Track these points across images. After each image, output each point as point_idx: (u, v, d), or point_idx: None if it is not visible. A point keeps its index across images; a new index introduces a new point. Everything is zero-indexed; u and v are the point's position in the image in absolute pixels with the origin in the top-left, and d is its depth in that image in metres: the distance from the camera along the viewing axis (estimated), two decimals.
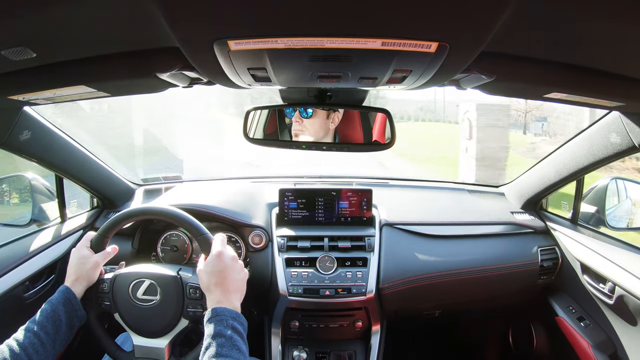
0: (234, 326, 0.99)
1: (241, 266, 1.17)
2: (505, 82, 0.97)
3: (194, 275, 1.26)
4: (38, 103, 1.18)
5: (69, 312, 1.12)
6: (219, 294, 1.07)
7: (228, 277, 1.10)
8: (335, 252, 1.72)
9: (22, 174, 1.74)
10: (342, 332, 1.74)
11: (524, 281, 1.85)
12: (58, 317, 1.09)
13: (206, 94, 19.27)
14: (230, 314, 1.02)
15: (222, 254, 1.13)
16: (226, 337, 0.96)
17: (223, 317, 1.00)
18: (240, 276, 1.14)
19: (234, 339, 0.96)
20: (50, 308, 1.09)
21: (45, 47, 0.79)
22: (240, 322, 1.02)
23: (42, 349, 1.02)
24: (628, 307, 1.48)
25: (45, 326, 1.06)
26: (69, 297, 1.14)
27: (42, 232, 1.69)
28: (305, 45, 0.70)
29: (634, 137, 1.29)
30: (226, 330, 0.97)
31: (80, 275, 1.20)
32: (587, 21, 0.66)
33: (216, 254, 1.13)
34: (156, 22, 0.64)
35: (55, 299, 1.12)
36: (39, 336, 1.03)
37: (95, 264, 1.23)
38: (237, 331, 0.99)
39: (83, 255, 1.23)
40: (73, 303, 1.14)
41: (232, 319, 1.01)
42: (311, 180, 2.33)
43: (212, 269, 1.11)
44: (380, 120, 1.44)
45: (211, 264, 1.12)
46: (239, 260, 1.17)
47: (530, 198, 2.02)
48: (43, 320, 1.06)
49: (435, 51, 0.71)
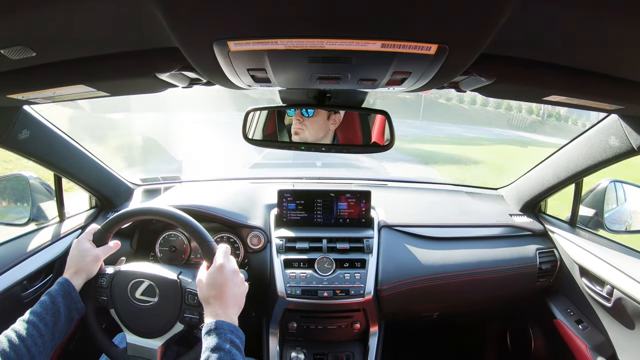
0: (233, 340, 0.99)
1: (241, 280, 1.16)
2: (505, 85, 0.97)
3: (193, 281, 1.26)
4: (37, 102, 1.18)
5: (68, 304, 1.12)
6: (218, 307, 1.06)
7: (228, 290, 1.09)
8: (334, 254, 1.72)
9: (21, 173, 1.74)
10: (340, 334, 1.74)
11: (522, 284, 1.85)
12: (57, 308, 1.09)
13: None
14: (229, 328, 1.01)
15: (223, 267, 1.12)
16: (225, 350, 0.96)
17: (222, 331, 1.00)
18: (240, 290, 1.14)
19: (232, 352, 0.96)
20: (50, 300, 1.09)
21: (45, 46, 0.79)
22: (238, 336, 1.02)
23: (40, 341, 1.02)
24: (626, 310, 1.48)
25: (44, 318, 1.05)
26: (69, 289, 1.14)
27: (41, 231, 1.68)
28: (305, 47, 0.70)
29: (633, 141, 1.29)
30: (225, 344, 0.97)
31: (80, 268, 1.20)
32: (586, 24, 0.66)
33: (218, 267, 1.12)
34: (156, 22, 0.64)
35: (55, 291, 1.12)
36: (38, 327, 1.03)
37: (96, 258, 1.23)
38: (235, 345, 0.99)
39: (84, 248, 1.23)
40: (72, 295, 1.14)
41: (230, 332, 1.00)
42: (310, 182, 2.33)
43: (213, 281, 1.10)
44: (380, 122, 1.45)
45: (212, 276, 1.11)
46: (240, 274, 1.16)
47: (529, 200, 2.02)
48: (42, 312, 1.06)
49: (434, 53, 0.71)
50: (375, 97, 1.72)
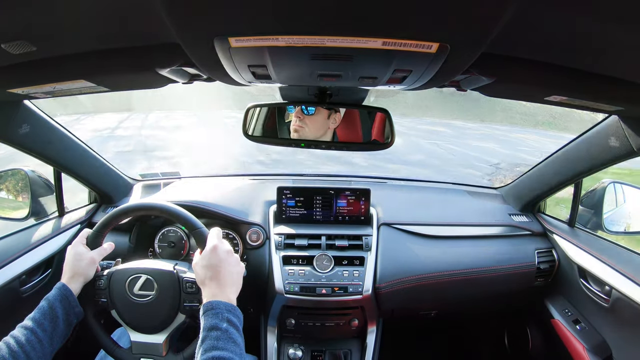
0: (230, 319, 0.99)
1: (237, 260, 1.16)
2: (506, 84, 0.97)
3: (190, 270, 1.26)
4: (38, 97, 1.18)
5: (66, 308, 1.12)
6: (214, 287, 1.07)
7: (223, 270, 1.10)
8: (333, 251, 1.72)
9: (21, 168, 1.74)
10: (338, 331, 1.74)
11: (521, 283, 1.85)
12: (55, 314, 1.09)
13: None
14: (226, 307, 1.01)
15: (217, 248, 1.12)
16: (222, 330, 0.96)
17: (219, 310, 1.00)
18: (235, 269, 1.14)
19: (229, 331, 0.96)
20: (47, 305, 1.09)
21: (45, 41, 0.79)
22: (236, 315, 1.02)
23: (39, 346, 1.02)
24: (624, 311, 1.48)
25: (42, 323, 1.06)
26: (66, 293, 1.14)
27: (40, 225, 1.69)
28: (306, 44, 0.70)
29: (633, 142, 1.29)
30: (222, 323, 0.97)
31: (76, 272, 1.20)
32: (588, 25, 0.66)
33: (211, 248, 1.12)
34: (157, 18, 0.64)
35: (52, 296, 1.12)
36: (36, 333, 1.03)
37: (91, 260, 1.23)
38: (232, 324, 0.99)
39: (79, 252, 1.23)
40: (70, 300, 1.14)
41: (227, 311, 1.00)
42: (309, 179, 2.33)
43: (208, 262, 1.10)
44: (380, 120, 1.45)
45: (206, 258, 1.11)
46: (235, 254, 1.17)
47: (528, 200, 2.02)
48: (40, 318, 1.06)
49: (436, 52, 0.71)
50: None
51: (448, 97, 23.94)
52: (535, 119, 23.95)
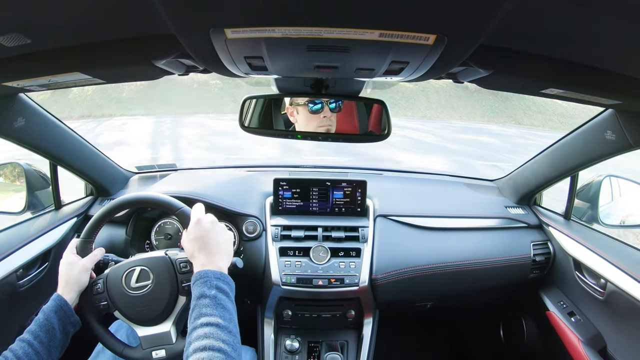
0: (219, 286, 0.99)
1: (223, 228, 1.17)
2: (503, 77, 0.97)
3: (181, 251, 1.27)
4: (33, 90, 1.18)
5: (62, 319, 1.12)
6: (203, 258, 1.07)
7: (210, 240, 1.10)
8: (329, 242, 1.73)
9: (17, 161, 1.73)
10: (335, 322, 1.75)
11: (516, 275, 1.87)
12: (51, 325, 1.09)
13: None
14: (215, 275, 1.02)
15: (201, 220, 1.13)
16: (210, 297, 0.96)
17: (207, 279, 1.00)
18: (222, 237, 1.14)
19: (217, 297, 0.96)
20: (44, 317, 1.10)
21: (40, 34, 0.78)
22: (225, 282, 1.02)
23: (37, 358, 1.03)
24: (619, 304, 1.50)
25: (38, 335, 1.06)
26: (61, 304, 1.14)
27: (36, 219, 1.68)
28: (303, 35, 0.70)
29: (630, 136, 1.29)
30: (210, 290, 0.97)
31: (70, 281, 1.20)
32: (585, 19, 0.66)
33: (195, 221, 1.13)
34: (153, 9, 0.63)
35: (48, 308, 1.12)
36: (33, 345, 1.04)
37: (84, 268, 1.24)
38: (221, 290, 0.99)
39: (70, 261, 1.24)
40: (65, 310, 1.14)
41: (216, 279, 1.01)
42: (306, 170, 2.34)
43: (194, 235, 1.11)
44: (376, 111, 1.44)
45: (192, 232, 1.12)
46: (220, 222, 1.17)
47: (524, 193, 2.02)
48: (37, 330, 1.07)
49: (433, 44, 0.71)
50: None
51: (475, 96, 21.94)
52: (574, 121, 19.83)
